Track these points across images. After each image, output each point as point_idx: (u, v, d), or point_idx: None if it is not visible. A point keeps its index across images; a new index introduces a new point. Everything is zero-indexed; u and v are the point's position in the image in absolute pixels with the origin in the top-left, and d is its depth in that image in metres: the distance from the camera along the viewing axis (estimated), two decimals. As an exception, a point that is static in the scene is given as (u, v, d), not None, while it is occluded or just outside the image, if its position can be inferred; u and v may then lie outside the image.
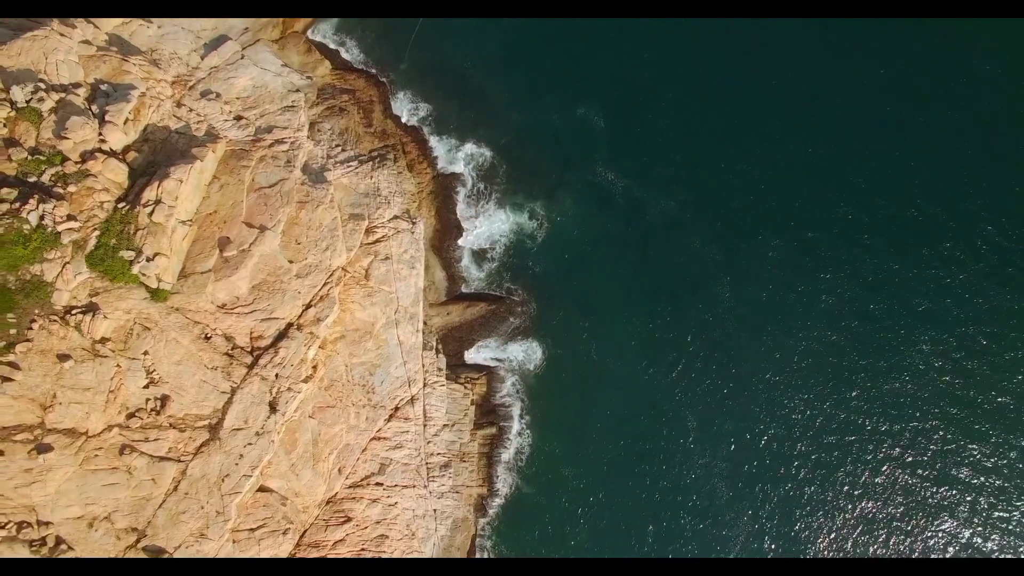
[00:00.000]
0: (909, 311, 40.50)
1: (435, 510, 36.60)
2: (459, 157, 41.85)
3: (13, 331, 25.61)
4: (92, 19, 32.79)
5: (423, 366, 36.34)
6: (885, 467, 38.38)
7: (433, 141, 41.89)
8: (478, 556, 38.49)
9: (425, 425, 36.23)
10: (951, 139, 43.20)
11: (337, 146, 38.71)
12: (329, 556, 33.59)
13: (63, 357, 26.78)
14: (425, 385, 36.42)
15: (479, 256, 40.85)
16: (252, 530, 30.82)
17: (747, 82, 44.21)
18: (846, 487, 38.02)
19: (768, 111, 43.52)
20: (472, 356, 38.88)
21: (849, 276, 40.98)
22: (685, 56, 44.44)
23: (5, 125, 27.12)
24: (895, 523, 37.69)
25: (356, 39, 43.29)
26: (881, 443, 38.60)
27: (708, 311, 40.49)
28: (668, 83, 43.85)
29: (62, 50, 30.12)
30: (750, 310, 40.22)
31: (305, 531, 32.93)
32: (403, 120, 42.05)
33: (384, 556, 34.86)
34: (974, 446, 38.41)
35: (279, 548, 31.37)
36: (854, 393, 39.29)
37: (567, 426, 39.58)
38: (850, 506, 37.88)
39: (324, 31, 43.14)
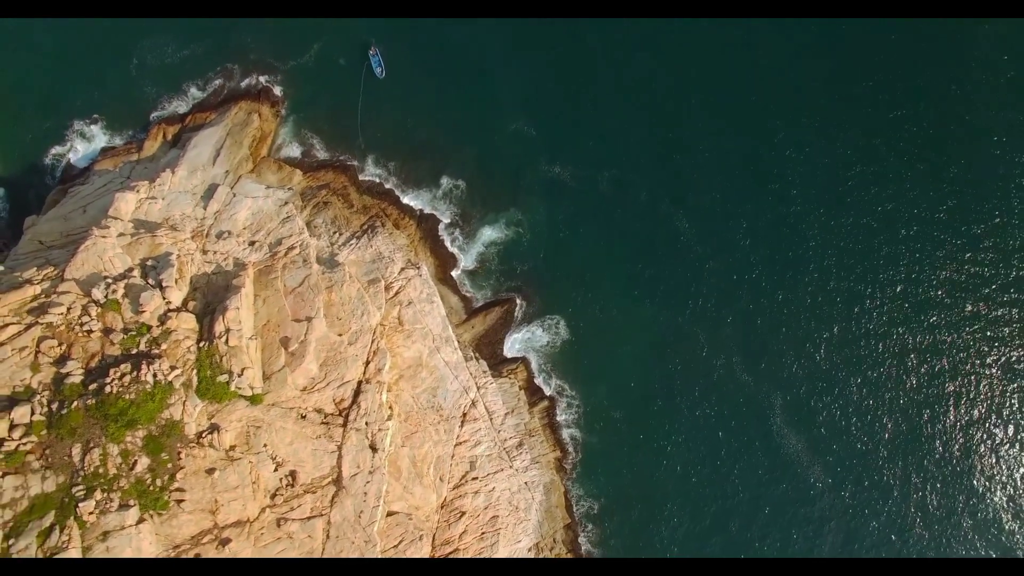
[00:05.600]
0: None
1: (526, 483, 43.84)
2: (431, 201, 48.41)
3: (169, 465, 33.00)
4: (115, 215, 40.29)
5: (471, 374, 43.48)
6: (863, 337, 47.24)
7: (406, 198, 48.03)
8: (575, 509, 45.84)
9: (491, 419, 43.52)
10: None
11: (335, 233, 46.00)
12: (460, 547, 41.02)
13: (210, 471, 34.09)
14: (478, 388, 43.58)
15: (478, 273, 47.68)
16: (395, 546, 38.16)
17: (643, 65, 51.31)
18: (832, 358, 47.17)
19: (663, 87, 50.98)
20: (505, 351, 46.19)
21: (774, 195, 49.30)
22: (584, 53, 51.13)
23: (98, 320, 34.60)
24: (879, 389, 46.76)
25: (311, 142, 50.07)
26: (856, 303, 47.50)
27: (675, 245, 47.87)
28: (577, 80, 50.71)
29: (109, 248, 37.48)
30: (706, 234, 47.88)
31: (434, 534, 40.36)
32: (375, 190, 49.11)
33: (500, 533, 42.21)
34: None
35: (421, 552, 38.67)
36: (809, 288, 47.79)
37: (602, 377, 46.62)
38: (833, 369, 46.87)
39: (282, 147, 50.26)
